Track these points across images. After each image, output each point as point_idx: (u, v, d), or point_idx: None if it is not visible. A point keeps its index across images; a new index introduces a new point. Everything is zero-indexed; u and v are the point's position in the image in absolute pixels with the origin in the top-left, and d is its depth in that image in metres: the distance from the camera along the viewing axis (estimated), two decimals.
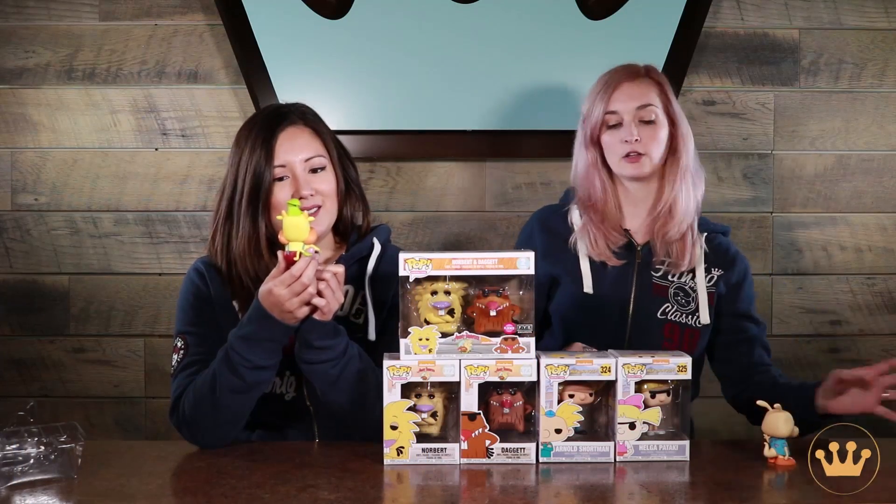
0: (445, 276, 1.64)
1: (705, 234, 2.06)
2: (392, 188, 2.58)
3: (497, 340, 1.63)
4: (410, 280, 1.63)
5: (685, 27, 2.49)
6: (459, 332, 1.63)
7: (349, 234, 1.90)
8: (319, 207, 1.79)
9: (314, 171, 1.80)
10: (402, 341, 1.63)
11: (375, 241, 1.87)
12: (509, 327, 1.63)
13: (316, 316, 1.66)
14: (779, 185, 2.60)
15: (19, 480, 1.49)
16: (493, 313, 1.63)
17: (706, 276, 2.03)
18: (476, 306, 1.64)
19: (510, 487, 1.52)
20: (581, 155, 2.06)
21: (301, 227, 1.62)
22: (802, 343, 2.63)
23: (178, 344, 1.81)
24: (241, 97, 2.54)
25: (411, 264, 1.62)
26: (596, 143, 2.03)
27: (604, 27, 2.49)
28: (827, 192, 2.61)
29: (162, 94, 2.56)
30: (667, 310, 2.01)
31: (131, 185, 2.57)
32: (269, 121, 1.81)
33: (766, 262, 2.61)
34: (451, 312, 1.64)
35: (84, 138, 2.57)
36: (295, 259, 1.62)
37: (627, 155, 1.98)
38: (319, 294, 1.63)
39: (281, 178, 1.78)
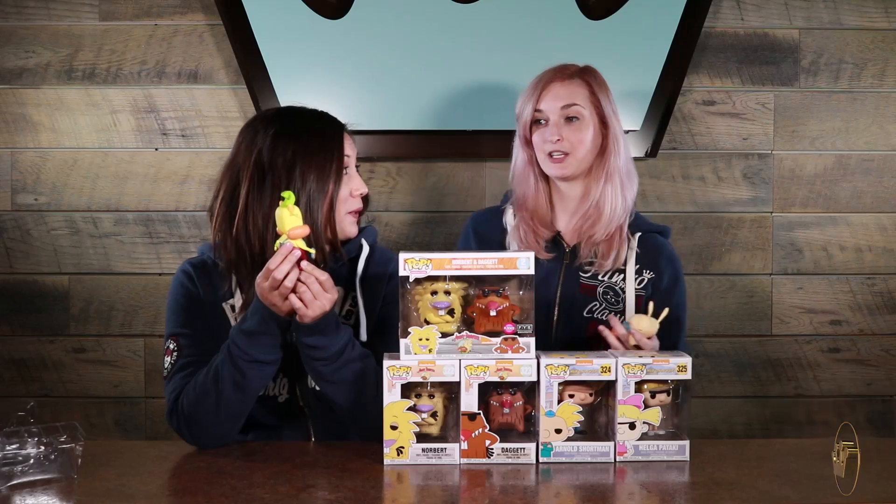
0: (445, 276, 1.64)
1: (638, 234, 2.06)
2: (392, 188, 2.58)
3: (497, 340, 1.63)
4: (410, 280, 1.63)
5: (685, 27, 2.49)
6: (459, 332, 1.63)
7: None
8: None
9: (357, 169, 1.87)
10: (402, 341, 1.62)
11: (364, 242, 1.88)
12: (509, 327, 1.63)
13: (297, 316, 1.67)
14: (779, 185, 2.60)
15: (19, 480, 1.49)
16: (493, 313, 1.63)
17: (637, 279, 2.03)
18: (476, 306, 1.64)
19: (510, 487, 1.52)
20: (519, 153, 2.10)
21: (286, 220, 1.63)
22: (802, 343, 2.63)
23: (171, 346, 1.81)
24: (241, 97, 2.54)
25: (411, 264, 1.62)
26: (529, 142, 2.07)
27: (604, 27, 2.49)
28: (827, 192, 2.61)
29: (162, 94, 2.56)
30: (594, 308, 2.02)
31: (131, 185, 2.57)
32: (332, 119, 1.87)
33: (766, 262, 2.61)
34: (451, 312, 1.64)
35: (84, 138, 2.57)
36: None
37: (552, 155, 2.02)
38: (300, 295, 1.64)
39: (346, 169, 1.83)
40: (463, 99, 2.50)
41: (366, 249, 1.87)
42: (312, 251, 1.64)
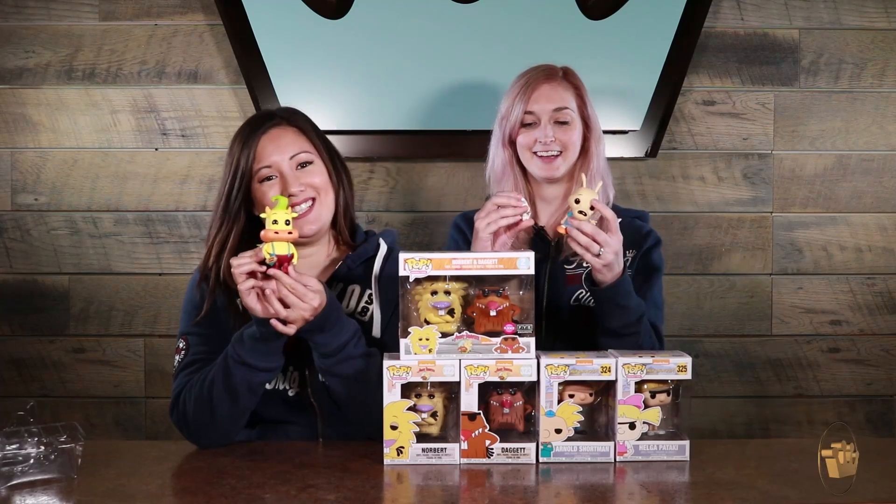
0: (445, 276, 1.64)
1: (619, 220, 2.07)
2: (392, 188, 2.58)
3: (497, 340, 1.63)
4: (410, 280, 1.63)
5: (685, 27, 2.49)
6: (459, 332, 1.63)
7: (355, 235, 1.93)
8: (314, 200, 1.82)
9: (302, 166, 1.83)
10: (402, 341, 1.63)
11: (382, 241, 1.91)
12: (509, 327, 1.63)
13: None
14: (779, 185, 2.60)
15: (19, 480, 1.49)
16: (493, 313, 1.63)
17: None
18: (476, 306, 1.64)
19: (510, 487, 1.52)
20: (498, 153, 2.11)
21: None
22: (802, 343, 2.63)
23: (181, 345, 1.83)
24: (241, 97, 2.54)
25: (411, 264, 1.62)
26: (513, 142, 2.08)
27: (604, 27, 2.49)
28: (827, 192, 2.61)
29: (162, 94, 2.56)
30: (580, 296, 2.03)
31: (131, 185, 2.58)
32: (253, 124, 1.86)
33: (766, 262, 2.61)
34: (451, 312, 1.64)
35: (84, 138, 2.57)
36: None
37: (540, 155, 2.03)
38: (274, 299, 1.65)
39: (269, 178, 1.81)
40: (463, 99, 2.50)
41: (383, 249, 1.90)
42: (268, 257, 1.61)
